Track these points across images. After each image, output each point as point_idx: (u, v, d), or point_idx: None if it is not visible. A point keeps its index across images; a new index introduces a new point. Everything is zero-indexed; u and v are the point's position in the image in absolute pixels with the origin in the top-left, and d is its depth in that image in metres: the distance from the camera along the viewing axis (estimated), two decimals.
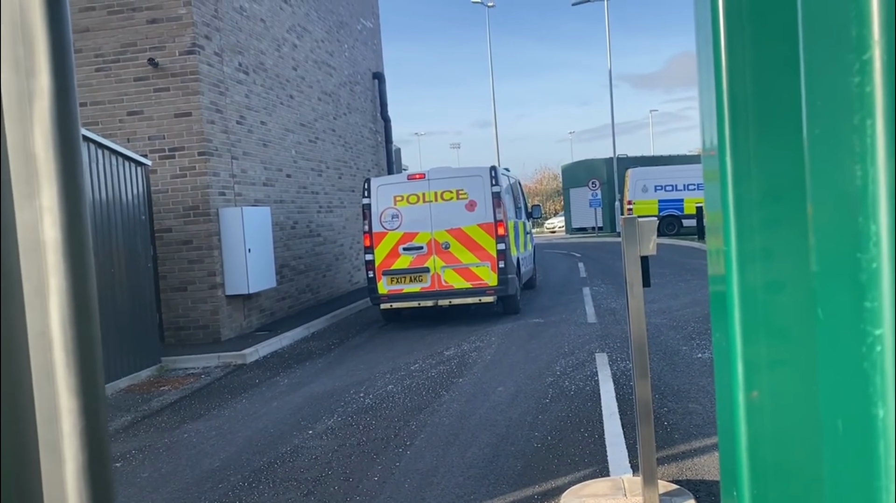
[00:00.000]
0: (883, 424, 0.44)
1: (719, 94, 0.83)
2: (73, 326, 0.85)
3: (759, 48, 0.78)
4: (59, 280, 0.84)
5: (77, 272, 0.86)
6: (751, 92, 0.80)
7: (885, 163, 0.42)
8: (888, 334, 0.43)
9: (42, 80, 0.84)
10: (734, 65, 0.81)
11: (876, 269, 0.43)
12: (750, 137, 0.81)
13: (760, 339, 0.83)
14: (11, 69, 0.84)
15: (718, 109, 0.83)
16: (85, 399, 0.85)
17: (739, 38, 0.80)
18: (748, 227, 0.83)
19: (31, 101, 0.84)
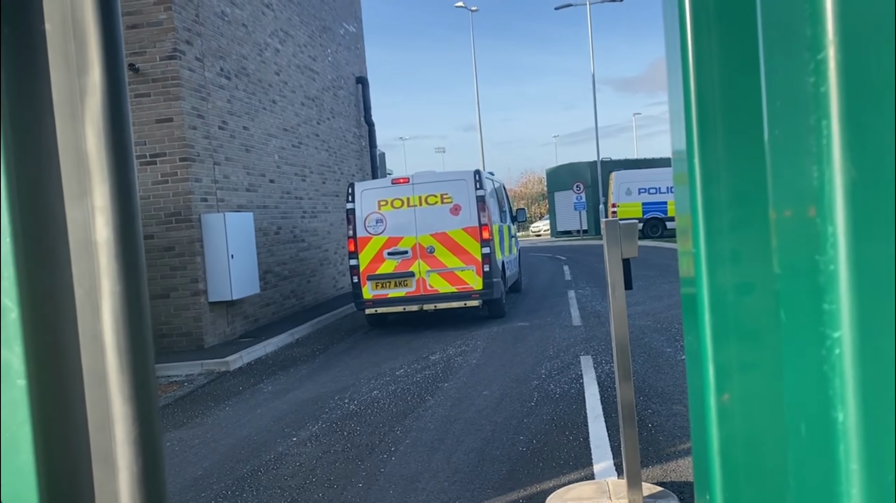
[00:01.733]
0: (843, 428, 0.43)
1: (687, 96, 0.83)
2: (127, 330, 0.81)
3: (725, 50, 0.77)
4: (111, 282, 0.81)
5: (130, 274, 0.82)
6: (718, 94, 0.79)
7: (840, 164, 0.42)
8: (847, 337, 0.42)
9: (94, 76, 0.80)
10: (701, 67, 0.81)
11: (833, 272, 0.43)
12: (718, 140, 0.81)
13: (731, 342, 0.83)
14: (62, 66, 0.80)
15: (686, 112, 0.82)
16: (139, 405, 0.82)
17: (706, 40, 0.80)
18: (717, 229, 0.82)
19: (82, 99, 0.80)
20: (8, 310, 0.79)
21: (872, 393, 0.42)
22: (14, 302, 0.79)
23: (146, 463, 0.82)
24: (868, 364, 0.42)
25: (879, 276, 0.42)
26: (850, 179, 0.42)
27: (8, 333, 0.79)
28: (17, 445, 0.79)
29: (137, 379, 0.82)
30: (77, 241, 0.82)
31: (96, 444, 0.82)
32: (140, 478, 0.82)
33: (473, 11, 37.01)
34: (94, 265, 0.82)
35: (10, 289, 0.79)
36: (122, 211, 0.82)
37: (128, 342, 0.81)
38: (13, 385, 0.79)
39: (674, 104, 0.92)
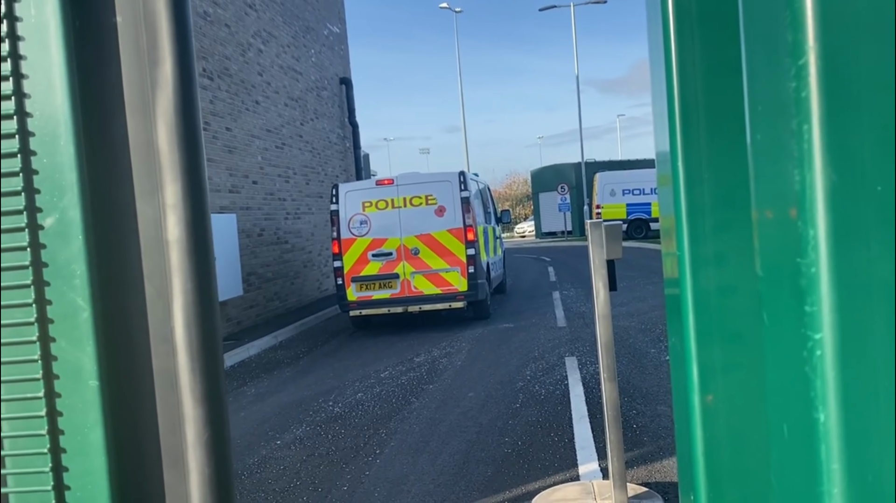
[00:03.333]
0: (824, 429, 0.43)
1: (671, 99, 0.83)
2: (198, 330, 0.80)
3: (707, 53, 0.78)
4: (182, 281, 0.79)
5: (201, 272, 0.80)
6: (701, 97, 0.80)
7: (821, 167, 0.42)
8: (828, 338, 0.43)
9: (165, 69, 0.78)
10: (685, 70, 0.82)
11: (815, 274, 0.43)
12: (701, 142, 0.81)
13: (714, 343, 0.83)
14: (133, 59, 0.79)
15: (670, 114, 0.83)
16: (210, 407, 0.80)
17: (689, 43, 0.80)
18: (700, 231, 0.83)
19: (153, 92, 0.79)
20: (80, 310, 0.77)
21: (853, 394, 0.43)
22: (86, 301, 0.77)
23: (217, 466, 0.81)
24: (849, 366, 0.43)
25: (860, 279, 0.42)
26: (830, 183, 0.42)
27: (80, 333, 0.77)
28: (88, 448, 0.78)
29: (208, 380, 0.80)
30: (148, 238, 0.80)
31: (167, 447, 0.81)
32: (211, 481, 0.80)
33: (458, 13, 37.06)
34: (164, 263, 0.80)
35: (83, 287, 0.77)
36: (193, 209, 0.80)
37: (199, 342, 0.80)
38: (85, 386, 0.77)
39: (657, 106, 0.93)
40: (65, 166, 0.77)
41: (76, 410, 0.78)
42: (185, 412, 0.81)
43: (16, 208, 0.78)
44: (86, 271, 0.77)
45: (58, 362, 0.78)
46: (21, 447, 0.79)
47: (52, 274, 0.78)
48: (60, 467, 0.78)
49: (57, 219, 0.78)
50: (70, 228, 0.77)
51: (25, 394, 0.79)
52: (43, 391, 0.78)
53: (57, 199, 0.78)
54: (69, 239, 0.77)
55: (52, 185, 0.78)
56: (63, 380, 0.78)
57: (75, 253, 0.77)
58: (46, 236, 0.78)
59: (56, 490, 0.78)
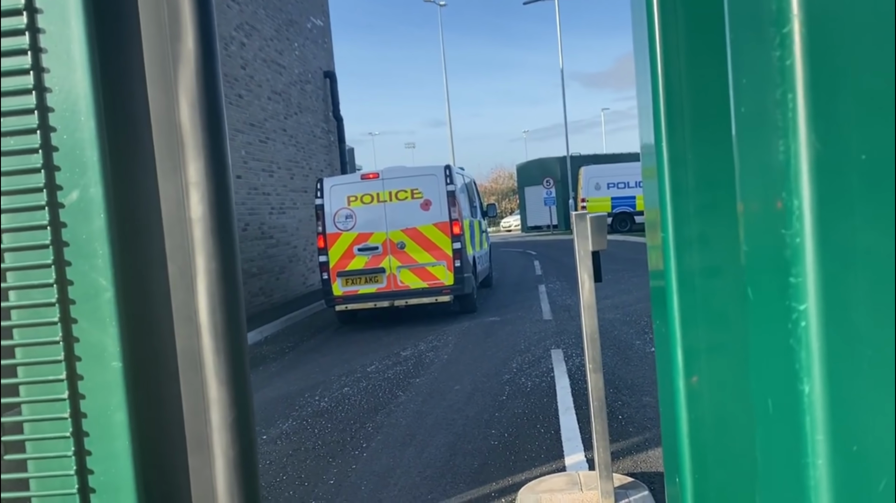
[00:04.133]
0: (809, 400, 0.43)
1: (655, 82, 0.82)
2: (222, 310, 0.78)
3: (692, 35, 0.77)
4: (206, 260, 0.77)
5: (225, 251, 0.78)
6: (685, 80, 0.79)
7: (806, 137, 0.42)
8: (812, 309, 0.43)
9: (187, 43, 0.76)
10: (669, 54, 0.81)
11: (799, 244, 0.43)
12: (685, 125, 0.81)
13: (699, 325, 0.83)
14: (154, 33, 0.76)
15: (654, 97, 0.82)
16: (235, 389, 0.78)
17: (673, 27, 0.80)
18: (685, 213, 0.83)
19: (175, 67, 0.76)
20: (102, 290, 0.75)
21: (838, 364, 0.42)
22: (109, 281, 0.75)
23: (242, 448, 0.79)
24: (833, 335, 0.43)
25: (844, 248, 0.42)
26: (815, 152, 0.42)
27: (102, 313, 0.75)
28: (111, 431, 0.76)
29: (233, 361, 0.78)
30: (170, 216, 0.78)
31: (191, 429, 0.79)
32: (236, 464, 0.79)
33: (442, 6, 36.95)
34: (187, 242, 0.78)
35: (105, 267, 0.75)
36: (216, 187, 0.78)
37: (223, 323, 0.78)
38: (108, 367, 0.75)
39: (642, 93, 0.92)
40: (85, 143, 0.75)
41: (99, 393, 0.76)
42: (209, 394, 0.79)
43: (35, 185, 0.76)
44: (108, 250, 0.75)
45: (80, 344, 0.76)
46: (42, 431, 0.77)
47: (73, 253, 0.76)
48: (83, 451, 0.77)
49: (78, 196, 0.76)
50: (91, 206, 0.75)
51: (47, 377, 0.76)
52: (65, 373, 0.76)
53: (78, 176, 0.75)
54: (91, 217, 0.76)
55: (73, 161, 0.75)
56: (85, 362, 0.76)
57: (97, 231, 0.75)
58: (67, 214, 0.76)
59: (79, 474, 0.76)
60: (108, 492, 0.76)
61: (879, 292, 0.42)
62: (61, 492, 0.77)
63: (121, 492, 0.76)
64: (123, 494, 0.76)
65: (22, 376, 0.78)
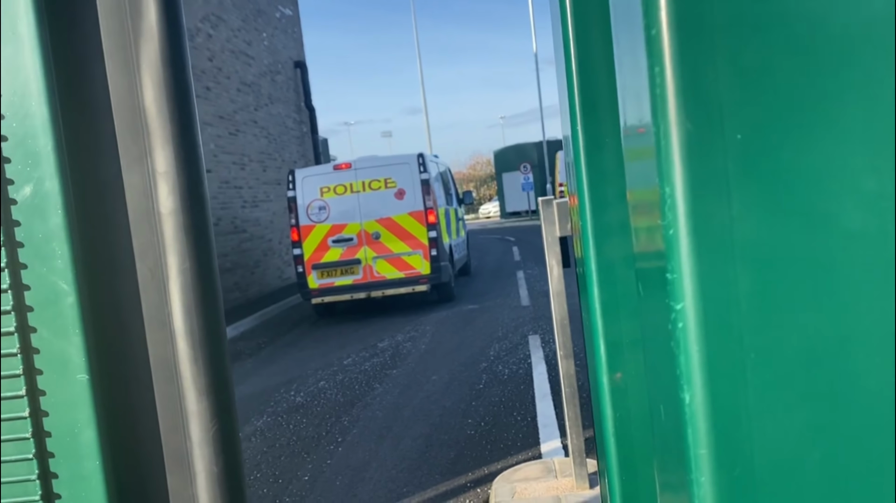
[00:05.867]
0: (690, 410, 0.39)
1: (570, 79, 0.77)
2: (199, 314, 0.71)
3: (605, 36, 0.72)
4: (179, 259, 0.70)
5: (200, 249, 0.71)
6: (602, 75, 0.74)
7: (675, 115, 0.37)
8: (689, 309, 0.38)
9: (149, 17, 0.68)
10: (582, 52, 0.75)
11: (673, 236, 0.38)
12: (601, 117, 0.76)
13: (621, 318, 0.78)
14: (112, 6, 0.68)
15: (570, 93, 0.77)
16: (216, 400, 0.73)
17: (585, 31, 0.75)
18: (602, 201, 0.78)
19: (136, 45, 0.68)
20: (63, 294, 0.68)
21: (718, 370, 0.38)
22: (70, 284, 0.67)
23: (226, 463, 0.73)
24: (712, 338, 0.38)
25: (721, 240, 0.37)
26: (686, 132, 0.37)
27: (64, 321, 0.68)
28: (79, 451, 0.69)
29: (212, 369, 0.72)
30: (137, 211, 0.71)
31: (169, 445, 0.73)
32: (220, 481, 0.72)
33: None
34: (157, 239, 0.71)
35: (66, 269, 0.67)
36: (187, 177, 0.71)
37: (200, 328, 0.71)
38: (72, 381, 0.68)
39: (561, 89, 0.87)
40: (38, 130, 0.67)
41: (64, 409, 0.69)
42: (187, 406, 0.72)
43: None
44: (68, 250, 0.68)
45: (40, 355, 0.69)
46: (3, 453, 0.70)
47: (29, 255, 0.69)
48: (48, 474, 0.70)
49: (32, 191, 0.68)
50: (47, 202, 0.67)
51: (5, 393, 0.69)
52: (24, 388, 0.69)
53: (31, 168, 0.68)
54: (47, 214, 0.68)
55: (25, 152, 0.67)
56: (48, 376, 0.69)
57: (55, 229, 0.68)
58: (20, 212, 0.68)
59: (45, 500, 0.69)
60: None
61: (761, 289, 0.37)
62: None
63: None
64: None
65: None
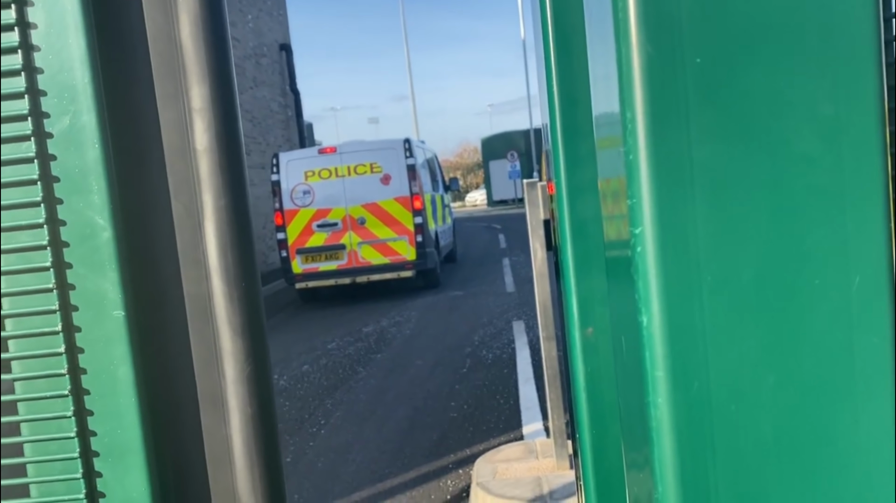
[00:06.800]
0: (647, 332, 0.39)
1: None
2: (234, 252, 0.70)
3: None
4: (214, 196, 0.69)
5: (235, 187, 0.70)
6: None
7: (636, 38, 0.37)
8: (648, 232, 0.38)
9: None
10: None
11: (633, 161, 0.38)
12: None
13: (592, 274, 0.79)
14: None
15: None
16: (251, 340, 0.71)
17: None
18: (575, 155, 0.78)
19: None
20: (100, 229, 0.66)
21: (674, 292, 0.38)
22: (106, 220, 0.66)
23: (260, 404, 0.72)
24: (669, 261, 0.38)
25: (679, 164, 0.38)
26: (646, 56, 0.37)
27: (101, 256, 0.67)
28: (115, 388, 0.68)
29: (247, 309, 0.71)
30: (172, 146, 0.70)
31: (203, 384, 0.72)
32: (254, 421, 0.72)
33: None
34: (192, 176, 0.70)
35: (102, 204, 0.66)
36: (223, 114, 0.70)
37: (235, 266, 0.70)
38: (108, 317, 0.67)
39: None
40: (75, 63, 0.65)
41: (99, 345, 0.68)
42: (222, 345, 0.71)
43: (19, 112, 0.66)
44: (105, 185, 0.66)
45: (76, 291, 0.68)
46: (37, 390, 0.69)
47: (64, 189, 0.67)
48: (84, 410, 0.68)
49: (68, 125, 0.66)
50: (84, 135, 0.66)
51: (41, 329, 0.68)
52: (60, 325, 0.68)
53: (67, 101, 0.66)
54: (83, 148, 0.66)
55: (61, 85, 0.66)
56: (83, 312, 0.68)
57: (91, 164, 0.66)
58: (56, 145, 0.67)
59: (80, 437, 0.68)
60: (114, 456, 0.69)
61: (718, 213, 0.38)
62: (61, 457, 0.69)
63: (127, 455, 0.69)
64: (130, 457, 0.69)
65: (11, 329, 0.69)
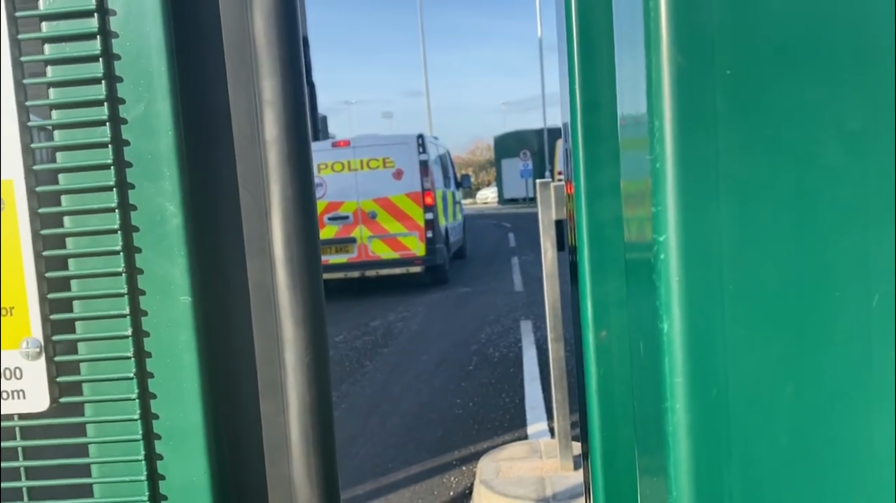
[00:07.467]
0: (668, 339, 0.40)
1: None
2: (299, 243, 0.71)
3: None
4: (282, 187, 0.70)
5: (301, 178, 0.71)
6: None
7: (668, 48, 0.38)
8: (672, 240, 0.39)
9: None
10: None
11: (660, 170, 0.39)
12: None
13: (608, 277, 0.79)
14: None
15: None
16: (311, 329, 0.72)
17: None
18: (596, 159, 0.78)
19: None
20: (170, 216, 0.67)
21: (696, 300, 0.39)
22: (177, 206, 0.67)
23: (318, 393, 0.73)
24: (692, 268, 0.39)
25: (706, 174, 0.38)
26: (677, 66, 0.38)
27: (170, 242, 0.67)
28: (179, 372, 0.69)
29: (310, 298, 0.72)
30: (242, 136, 0.71)
31: (263, 372, 0.73)
32: (312, 410, 0.73)
33: None
34: (261, 166, 0.71)
35: (173, 191, 0.67)
36: (292, 106, 0.71)
37: (300, 256, 0.71)
38: (175, 302, 0.68)
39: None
40: (152, 51, 0.66)
41: (165, 330, 0.69)
42: (283, 334, 0.72)
43: (95, 97, 0.67)
44: (176, 172, 0.67)
45: (144, 275, 0.68)
46: (102, 371, 0.69)
47: (137, 174, 0.68)
48: (147, 393, 0.69)
49: (143, 111, 0.67)
50: (158, 122, 0.67)
51: (108, 312, 0.69)
52: (128, 308, 0.68)
53: (143, 88, 0.67)
54: (157, 134, 0.67)
55: (137, 72, 0.67)
56: (150, 296, 0.69)
57: (164, 150, 0.67)
58: (130, 131, 0.67)
59: (143, 419, 0.69)
60: (175, 439, 0.70)
61: (742, 223, 0.38)
62: (123, 439, 0.70)
63: (188, 438, 0.69)
64: (191, 440, 0.69)
65: (78, 311, 0.69)
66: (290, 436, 0.74)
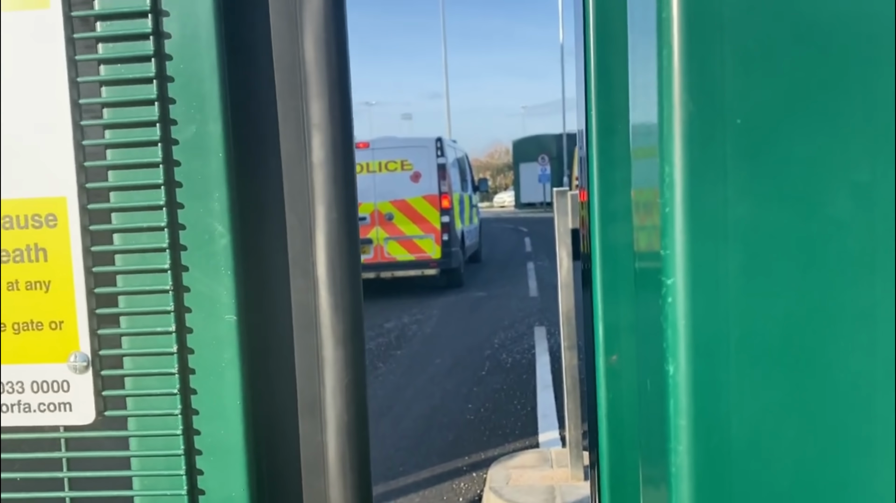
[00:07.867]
0: (673, 381, 0.41)
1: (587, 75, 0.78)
2: (342, 265, 0.73)
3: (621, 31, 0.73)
4: (326, 209, 0.72)
5: (346, 201, 0.73)
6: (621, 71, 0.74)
7: (679, 96, 0.38)
8: (679, 284, 0.40)
9: None
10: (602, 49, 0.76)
11: (669, 214, 0.40)
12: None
13: (620, 301, 0.80)
14: None
15: (587, 81, 0.77)
16: (351, 350, 0.74)
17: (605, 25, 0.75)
18: (610, 184, 0.79)
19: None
20: (218, 236, 0.69)
21: (702, 344, 0.40)
22: (225, 226, 0.69)
23: (355, 413, 0.75)
24: (699, 313, 0.40)
25: (714, 220, 0.39)
26: (688, 114, 0.39)
27: (217, 261, 0.69)
28: (222, 390, 0.71)
29: (350, 320, 0.73)
30: (290, 159, 0.72)
31: (303, 391, 0.74)
32: (349, 430, 0.74)
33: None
34: (307, 188, 0.73)
35: (222, 211, 0.68)
36: (340, 130, 0.73)
37: (342, 278, 0.73)
38: (220, 321, 0.70)
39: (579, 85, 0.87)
40: (205, 73, 0.68)
41: (210, 347, 0.70)
42: (324, 354, 0.74)
43: (149, 118, 0.69)
44: (225, 193, 0.69)
45: (190, 294, 0.70)
46: (147, 387, 0.71)
47: (186, 195, 0.69)
48: (190, 409, 0.71)
49: (194, 132, 0.69)
50: (209, 143, 0.69)
51: (154, 329, 0.71)
52: (174, 325, 0.70)
53: (195, 110, 0.69)
54: (208, 155, 0.69)
55: (190, 93, 0.69)
56: (196, 314, 0.70)
57: (214, 171, 0.69)
58: (181, 152, 0.69)
59: (185, 434, 0.71)
60: (216, 455, 0.71)
61: (749, 270, 0.39)
62: (165, 453, 0.71)
63: (229, 455, 0.71)
64: (232, 457, 0.71)
65: (125, 327, 0.71)
66: (327, 455, 0.75)
